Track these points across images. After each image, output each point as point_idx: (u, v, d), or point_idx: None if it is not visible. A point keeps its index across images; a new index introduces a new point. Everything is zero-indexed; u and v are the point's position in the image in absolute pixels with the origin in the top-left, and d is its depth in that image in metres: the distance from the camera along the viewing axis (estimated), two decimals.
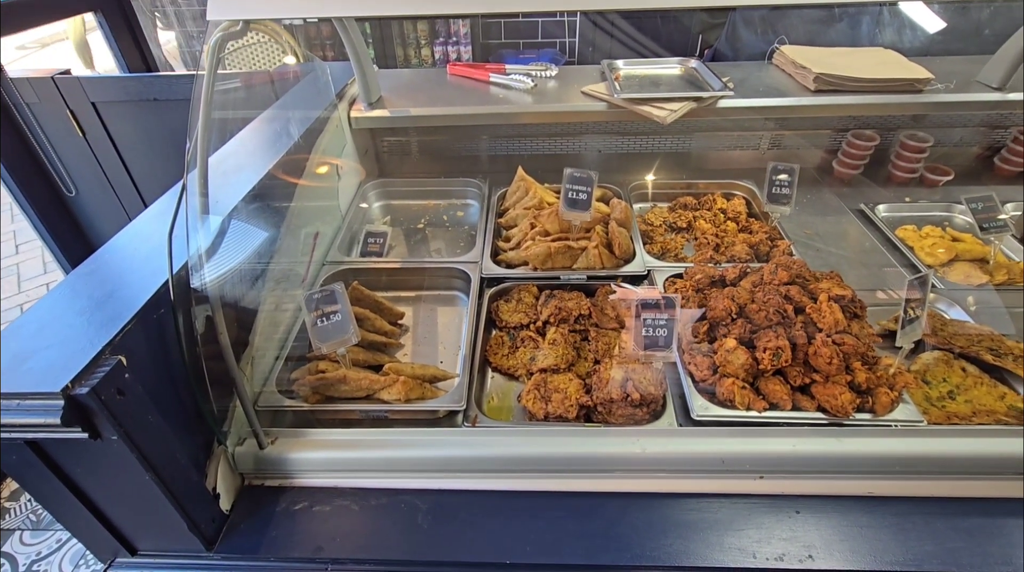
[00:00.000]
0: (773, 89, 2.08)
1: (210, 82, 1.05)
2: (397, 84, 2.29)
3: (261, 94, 1.86)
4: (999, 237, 1.68)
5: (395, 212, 2.22)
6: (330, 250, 1.84)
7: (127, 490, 0.99)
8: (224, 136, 1.53)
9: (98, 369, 0.85)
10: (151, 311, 1.02)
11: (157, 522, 1.07)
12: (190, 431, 1.13)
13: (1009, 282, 1.68)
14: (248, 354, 1.30)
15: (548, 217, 1.77)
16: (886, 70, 2.04)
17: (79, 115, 2.60)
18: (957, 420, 1.26)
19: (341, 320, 1.28)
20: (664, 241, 1.90)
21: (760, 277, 1.50)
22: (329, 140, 1.91)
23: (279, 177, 1.56)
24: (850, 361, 1.26)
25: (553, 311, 1.53)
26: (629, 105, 1.96)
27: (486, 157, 2.48)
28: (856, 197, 2.13)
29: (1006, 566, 1.04)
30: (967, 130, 2.36)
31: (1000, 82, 1.97)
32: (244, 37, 1.15)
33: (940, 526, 1.10)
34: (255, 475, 1.24)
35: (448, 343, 1.61)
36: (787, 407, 1.24)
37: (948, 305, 1.61)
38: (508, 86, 2.19)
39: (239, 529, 1.15)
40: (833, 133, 2.38)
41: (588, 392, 1.33)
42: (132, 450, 0.90)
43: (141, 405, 0.92)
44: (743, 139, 2.40)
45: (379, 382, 1.32)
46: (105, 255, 1.19)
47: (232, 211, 1.30)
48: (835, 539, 1.08)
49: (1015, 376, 1.36)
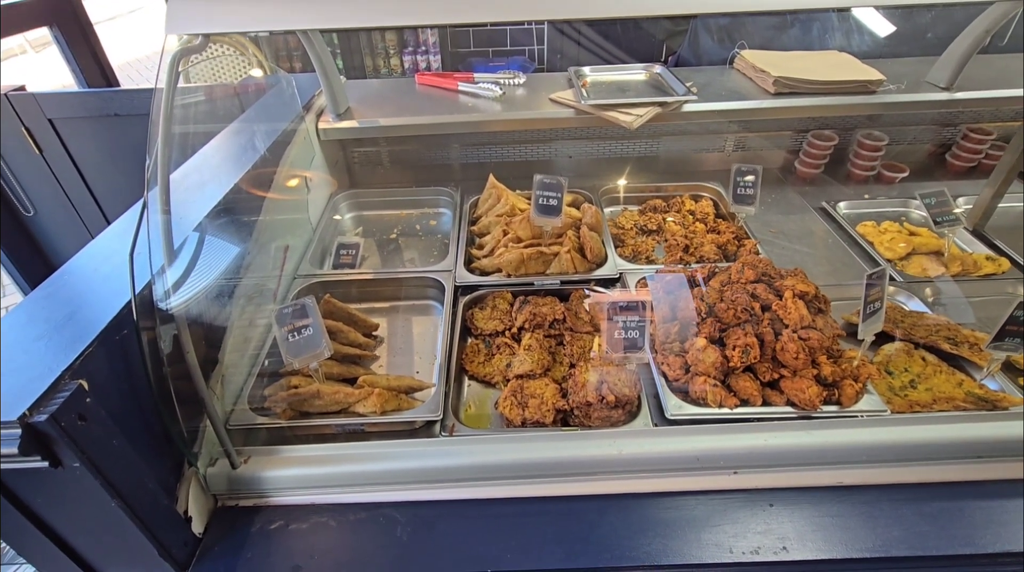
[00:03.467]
0: (735, 93, 2.14)
1: (169, 97, 1.04)
2: (366, 94, 2.28)
3: (226, 107, 1.83)
4: (952, 230, 1.75)
5: (367, 223, 2.21)
6: (301, 263, 1.82)
7: (93, 519, 0.96)
8: (187, 151, 1.50)
9: (57, 395, 0.83)
10: (113, 332, 0.99)
11: (126, 550, 1.03)
12: (159, 454, 1.10)
13: (963, 273, 1.75)
14: (218, 372, 1.28)
15: (520, 223, 1.78)
16: (841, 72, 2.12)
17: (35, 132, 2.52)
18: (919, 408, 1.31)
19: (313, 334, 1.27)
20: (635, 244, 1.93)
21: (728, 276, 1.53)
22: (297, 152, 1.90)
23: (246, 191, 1.53)
24: (816, 355, 1.29)
25: (528, 317, 1.54)
26: (596, 111, 1.99)
27: (457, 165, 2.49)
28: (818, 195, 2.20)
29: (969, 547, 1.08)
30: (919, 128, 2.46)
31: (948, 82, 2.06)
32: (207, 50, 1.13)
33: (907, 512, 1.14)
34: (228, 495, 1.21)
35: (424, 353, 1.61)
36: (757, 403, 1.27)
37: (907, 297, 1.67)
38: (477, 94, 2.21)
39: (213, 552, 1.12)
40: (794, 134, 2.45)
41: (565, 396, 1.34)
42: (96, 477, 0.87)
43: (104, 430, 0.90)
44: (708, 141, 2.46)
45: (353, 395, 1.31)
46: (64, 276, 1.15)
47: (197, 227, 1.28)
48: (808, 530, 1.11)
49: (971, 363, 1.42)
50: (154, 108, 1.03)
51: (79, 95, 2.55)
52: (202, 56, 1.13)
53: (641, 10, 1.03)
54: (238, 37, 1.77)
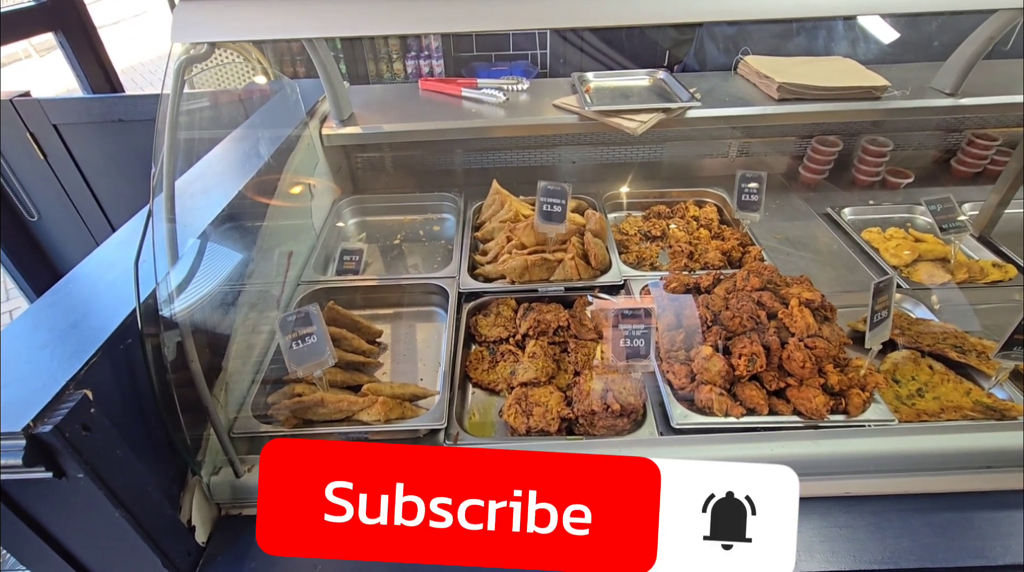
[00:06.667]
0: (739, 99, 2.13)
1: (175, 104, 1.04)
2: (369, 100, 2.28)
3: (230, 114, 1.83)
4: (958, 237, 1.74)
5: (370, 229, 2.21)
6: (305, 269, 1.81)
7: (96, 529, 0.96)
8: (192, 158, 1.50)
9: (62, 405, 0.83)
10: (118, 341, 0.99)
11: (129, 559, 1.03)
12: (162, 463, 1.09)
13: (969, 280, 1.74)
14: (222, 380, 1.27)
15: (524, 230, 1.77)
16: (845, 78, 2.11)
17: (40, 138, 2.52)
18: (927, 417, 1.30)
19: (317, 342, 1.26)
20: (639, 250, 1.92)
21: (733, 283, 1.53)
22: (301, 158, 1.90)
23: (250, 198, 1.53)
24: (822, 364, 1.29)
25: (532, 324, 1.54)
26: (600, 117, 1.99)
27: (461, 171, 2.49)
28: (822, 201, 2.19)
29: (979, 559, 1.06)
30: (924, 134, 2.45)
31: (952, 88, 2.06)
32: (211, 57, 1.13)
33: (915, 523, 1.13)
34: (232, 504, 1.21)
35: (427, 360, 1.60)
36: (764, 412, 1.26)
37: (914, 304, 1.66)
38: (480, 100, 2.21)
39: (216, 562, 1.12)
40: (798, 140, 2.44)
41: (569, 404, 1.34)
42: (100, 487, 0.87)
43: (109, 440, 0.89)
44: (712, 147, 2.45)
45: (357, 404, 1.30)
46: (68, 285, 1.15)
47: (202, 234, 1.28)
48: (815, 540, 1.10)
49: (979, 372, 1.41)
50: (159, 116, 1.03)
51: (83, 100, 2.56)
52: (207, 63, 1.13)
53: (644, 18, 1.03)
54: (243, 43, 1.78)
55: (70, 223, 2.80)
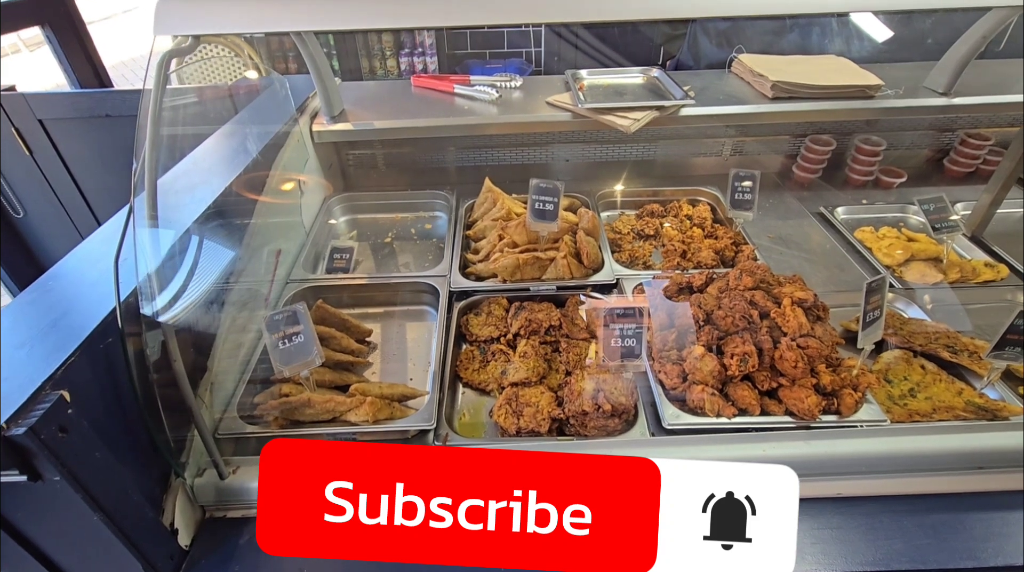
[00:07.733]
0: (732, 97, 2.12)
1: (157, 99, 1.01)
2: (361, 96, 2.26)
3: (218, 109, 1.80)
4: (951, 237, 1.74)
5: (361, 226, 2.18)
6: (294, 267, 1.79)
7: (75, 533, 0.93)
8: (177, 154, 1.48)
9: (37, 406, 0.80)
10: (98, 340, 0.97)
11: (110, 564, 1.00)
12: (144, 465, 1.07)
13: (962, 280, 1.74)
14: (207, 380, 1.25)
15: (516, 228, 1.76)
16: (839, 77, 2.11)
17: (25, 133, 2.49)
18: (919, 417, 1.30)
19: (304, 341, 1.24)
20: (632, 249, 1.91)
21: (726, 283, 1.52)
22: (290, 155, 1.87)
23: (237, 194, 1.51)
24: (814, 364, 1.28)
25: (523, 323, 1.52)
26: (593, 115, 1.97)
27: (453, 168, 2.47)
28: (816, 200, 2.19)
29: (971, 560, 1.06)
30: (917, 133, 2.45)
31: (946, 87, 2.05)
32: (199, 51, 1.11)
33: (907, 524, 1.12)
34: (216, 507, 1.18)
35: (417, 359, 1.59)
36: (756, 412, 1.25)
37: (906, 304, 1.66)
38: (473, 97, 2.19)
39: (200, 565, 1.10)
40: (792, 138, 2.44)
41: (560, 405, 1.32)
42: (77, 491, 0.84)
43: (87, 442, 0.87)
44: (706, 146, 2.44)
45: (345, 404, 1.28)
46: (49, 282, 1.13)
47: (186, 231, 1.25)
48: (807, 542, 1.09)
49: (971, 372, 1.41)
50: (141, 111, 1.00)
51: (69, 95, 2.52)
52: (195, 57, 1.11)
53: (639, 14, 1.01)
54: (232, 37, 1.75)
55: (57, 220, 2.76)
